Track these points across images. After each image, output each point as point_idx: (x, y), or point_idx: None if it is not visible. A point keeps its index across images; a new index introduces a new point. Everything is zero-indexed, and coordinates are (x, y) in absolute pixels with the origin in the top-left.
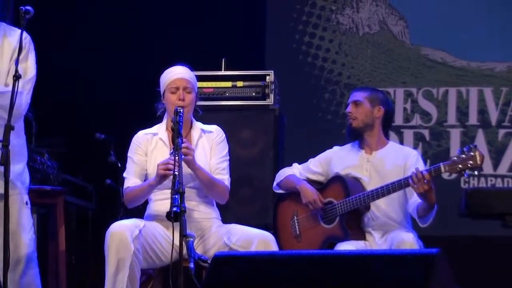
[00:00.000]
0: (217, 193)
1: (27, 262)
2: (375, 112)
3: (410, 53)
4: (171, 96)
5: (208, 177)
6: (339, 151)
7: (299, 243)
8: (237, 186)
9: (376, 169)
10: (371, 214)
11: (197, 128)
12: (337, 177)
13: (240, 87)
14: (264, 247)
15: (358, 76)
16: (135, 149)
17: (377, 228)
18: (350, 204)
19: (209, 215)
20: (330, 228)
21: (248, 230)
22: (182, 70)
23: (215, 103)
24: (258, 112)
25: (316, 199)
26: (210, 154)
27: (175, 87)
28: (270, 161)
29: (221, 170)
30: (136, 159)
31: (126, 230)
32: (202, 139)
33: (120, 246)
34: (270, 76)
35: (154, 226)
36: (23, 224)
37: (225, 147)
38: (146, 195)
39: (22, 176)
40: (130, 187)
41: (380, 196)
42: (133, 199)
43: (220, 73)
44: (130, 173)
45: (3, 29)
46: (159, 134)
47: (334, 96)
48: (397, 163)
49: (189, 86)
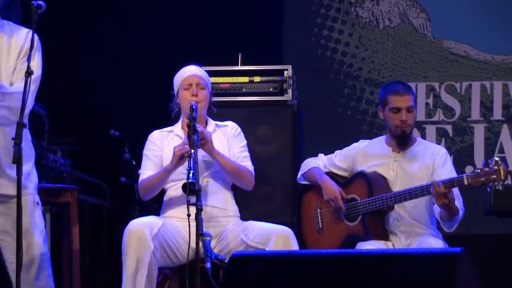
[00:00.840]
0: (242, 179)
1: (41, 263)
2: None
3: (432, 47)
4: (185, 92)
5: (229, 162)
6: (366, 148)
7: (321, 237)
8: (256, 183)
9: (403, 169)
10: (396, 214)
11: (212, 124)
12: (361, 174)
13: (257, 82)
14: (283, 242)
15: (379, 70)
16: (150, 146)
17: (402, 230)
18: (373, 204)
19: (227, 211)
20: (352, 226)
21: (266, 226)
22: (194, 68)
23: (231, 98)
24: (276, 108)
25: (337, 197)
26: (229, 145)
27: (188, 84)
28: (288, 158)
29: (243, 158)
30: (151, 154)
31: (145, 227)
32: (217, 133)
33: (140, 244)
34: (288, 71)
35: (172, 224)
36: (35, 225)
37: (243, 138)
38: (163, 182)
39: (30, 176)
40: (145, 178)
41: (403, 200)
42: (149, 188)
43: (237, 68)
44: (145, 167)
45: (10, 28)
46: (175, 131)
47: (354, 91)
48: (425, 163)
49: (202, 82)
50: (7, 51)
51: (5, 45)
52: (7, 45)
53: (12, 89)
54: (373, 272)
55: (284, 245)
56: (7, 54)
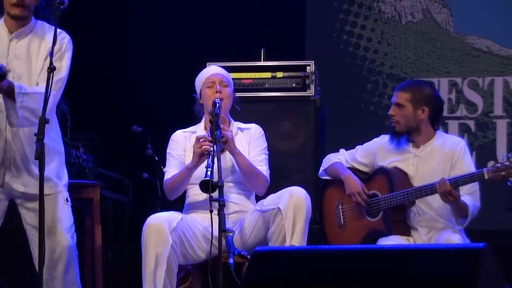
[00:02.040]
0: (256, 182)
1: (69, 259)
2: (419, 114)
3: (455, 42)
4: (208, 90)
5: (248, 164)
6: (386, 143)
7: (343, 232)
8: (277, 179)
9: (423, 164)
10: (418, 209)
11: (234, 126)
12: (382, 169)
13: (279, 78)
14: (295, 200)
15: (401, 66)
16: (173, 145)
17: (423, 224)
18: (394, 200)
19: (246, 208)
20: (373, 221)
21: (279, 191)
22: (216, 68)
23: (254, 94)
24: (298, 104)
25: (360, 191)
26: (249, 149)
27: (211, 82)
28: (310, 153)
29: (259, 162)
30: (175, 153)
31: (163, 222)
32: (239, 136)
33: (159, 239)
34: (311, 67)
35: (192, 219)
36: (65, 221)
37: (264, 141)
38: (186, 180)
39: (60, 173)
40: (169, 178)
41: (424, 195)
42: (173, 187)
43: (260, 63)
44: (169, 166)
45: (42, 28)
46: (198, 132)
47: (376, 87)
48: (445, 157)
49: (225, 80)
50: (37, 52)
51: (36, 46)
52: (37, 46)
53: (32, 89)
54: (396, 268)
55: (296, 203)
56: (37, 55)
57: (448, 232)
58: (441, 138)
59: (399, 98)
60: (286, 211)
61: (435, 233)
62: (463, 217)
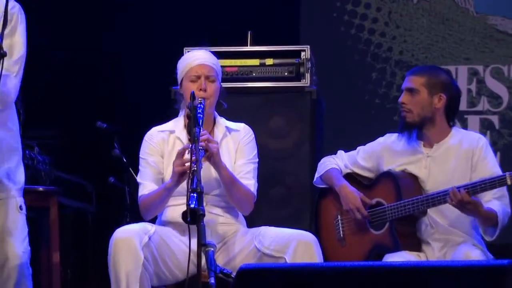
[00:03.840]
0: (240, 199)
1: (19, 278)
2: (435, 101)
3: (475, 23)
4: (191, 85)
5: (232, 179)
6: (393, 143)
7: (343, 247)
8: (268, 185)
9: (437, 166)
10: (430, 220)
11: (221, 125)
12: (387, 173)
13: (269, 65)
14: (304, 250)
15: (412, 51)
16: (148, 149)
17: (437, 238)
18: (402, 209)
19: (235, 223)
20: (378, 235)
21: (283, 231)
22: (204, 55)
23: (239, 84)
24: (292, 96)
25: (359, 206)
26: (236, 157)
27: (195, 75)
28: (306, 154)
29: (245, 174)
30: (151, 160)
31: (133, 235)
32: (227, 139)
33: (128, 256)
34: (306, 52)
35: (167, 233)
36: (15, 233)
37: (254, 148)
38: (163, 201)
39: (15, 174)
40: (145, 195)
41: (437, 203)
42: (149, 207)
43: (246, 48)
44: (145, 177)
45: None
46: (176, 132)
47: (383, 76)
48: (463, 156)
49: (213, 74)
50: None
51: None
52: None
53: None
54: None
55: (306, 254)
56: None
57: (467, 246)
58: (458, 134)
59: (412, 82)
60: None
61: (451, 248)
62: (493, 226)
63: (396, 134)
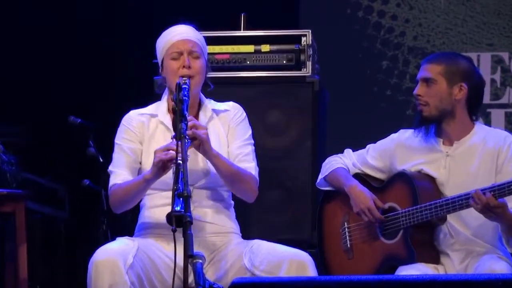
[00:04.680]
0: (243, 188)
1: None
2: (455, 93)
3: (500, 4)
4: (173, 63)
5: (230, 167)
6: (407, 140)
7: (350, 260)
8: (263, 188)
9: (457, 166)
10: (450, 228)
11: (208, 108)
12: (402, 175)
13: (265, 52)
14: (297, 271)
15: (428, 36)
16: (125, 134)
17: (457, 248)
18: (418, 215)
19: (225, 228)
20: (391, 244)
21: (276, 249)
22: (185, 30)
23: (231, 74)
24: (291, 87)
25: (371, 207)
26: (228, 140)
27: (177, 52)
28: (307, 153)
29: (245, 156)
30: (127, 146)
31: (116, 257)
32: (214, 122)
33: (112, 281)
34: (307, 37)
35: (150, 246)
36: None
37: (248, 127)
38: (140, 194)
39: None
40: (118, 184)
41: (458, 208)
42: (122, 199)
43: (239, 33)
44: (118, 165)
45: None
46: (159, 116)
47: (394, 64)
48: (487, 156)
49: (196, 49)
50: None
51: None
52: None
53: None
54: None
55: (299, 275)
56: None
57: (491, 258)
58: (481, 131)
59: (429, 71)
60: None
61: (473, 260)
62: None
63: (411, 130)
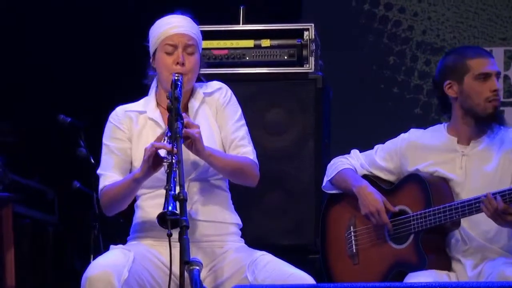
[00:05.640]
0: (243, 177)
1: None
2: None
3: None
4: (166, 58)
5: (225, 161)
6: (420, 139)
7: (355, 265)
8: (263, 190)
9: (475, 167)
10: (463, 233)
11: (199, 94)
12: (414, 176)
13: (266, 47)
14: None
15: (438, 30)
16: (113, 132)
17: (469, 254)
18: (431, 218)
19: (224, 227)
20: (400, 249)
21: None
22: (182, 22)
23: (230, 70)
24: (293, 84)
25: (381, 209)
26: (218, 123)
27: (171, 45)
28: (309, 154)
29: (240, 141)
30: (115, 146)
31: (111, 272)
32: (203, 107)
33: None
34: (310, 32)
35: (145, 254)
36: None
37: (237, 108)
38: (131, 194)
39: None
40: (108, 186)
41: (474, 211)
42: (114, 200)
43: (238, 27)
44: (107, 167)
45: None
46: (148, 112)
47: (402, 60)
48: (505, 158)
49: (192, 44)
50: None
51: None
52: None
53: None
54: None
55: None
56: None
57: (503, 263)
58: (498, 131)
59: (496, 64)
60: None
61: (486, 266)
62: None
63: (421, 129)
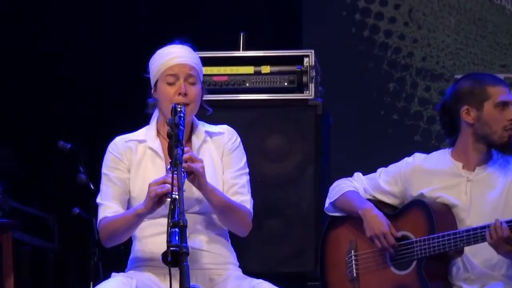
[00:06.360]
0: (236, 222)
1: None
2: None
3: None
4: (168, 88)
5: (224, 201)
6: (424, 163)
7: None
8: (263, 217)
9: (479, 193)
10: (465, 260)
11: (201, 131)
12: (418, 202)
13: (266, 74)
14: None
15: (438, 57)
16: (112, 162)
17: (471, 281)
18: (435, 245)
19: (223, 257)
20: (402, 275)
21: None
22: (182, 52)
23: (230, 97)
24: (293, 110)
25: (387, 233)
26: (222, 164)
27: (173, 75)
28: (309, 180)
29: (240, 188)
30: (115, 176)
31: None
32: (208, 145)
33: None
34: (310, 58)
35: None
36: None
37: (243, 155)
38: (131, 228)
39: None
40: (108, 218)
41: (480, 240)
42: (113, 234)
43: (238, 53)
44: (106, 197)
45: None
46: (148, 141)
47: (402, 87)
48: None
49: (194, 74)
50: None
51: None
52: None
53: None
54: None
55: None
56: None
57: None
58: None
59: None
60: None
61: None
62: None
63: (424, 154)
